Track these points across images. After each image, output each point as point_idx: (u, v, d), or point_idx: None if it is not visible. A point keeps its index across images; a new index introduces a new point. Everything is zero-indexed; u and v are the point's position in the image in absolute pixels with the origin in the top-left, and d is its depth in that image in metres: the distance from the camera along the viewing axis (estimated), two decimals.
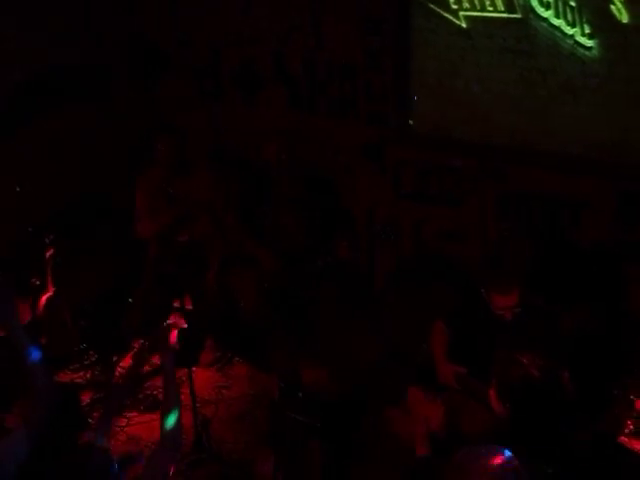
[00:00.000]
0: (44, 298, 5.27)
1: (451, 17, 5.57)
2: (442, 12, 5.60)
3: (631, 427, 3.90)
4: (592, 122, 5.31)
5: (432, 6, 5.60)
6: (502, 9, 5.39)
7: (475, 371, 4.27)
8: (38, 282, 5.19)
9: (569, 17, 5.21)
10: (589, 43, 5.23)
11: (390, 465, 4.85)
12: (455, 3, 5.52)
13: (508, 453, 2.78)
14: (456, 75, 5.68)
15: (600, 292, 5.02)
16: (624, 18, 5.05)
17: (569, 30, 5.26)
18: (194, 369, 5.46)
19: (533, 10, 5.29)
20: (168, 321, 3.68)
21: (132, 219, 5.77)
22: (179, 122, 6.74)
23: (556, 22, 5.28)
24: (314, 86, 6.21)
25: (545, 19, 5.29)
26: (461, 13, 5.53)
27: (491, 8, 5.42)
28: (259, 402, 5.60)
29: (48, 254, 5.16)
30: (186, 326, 4.24)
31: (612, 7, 5.05)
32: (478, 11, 5.47)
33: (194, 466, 4.97)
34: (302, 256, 5.29)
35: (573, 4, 5.15)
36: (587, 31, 5.20)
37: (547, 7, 5.27)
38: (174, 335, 3.60)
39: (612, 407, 4.08)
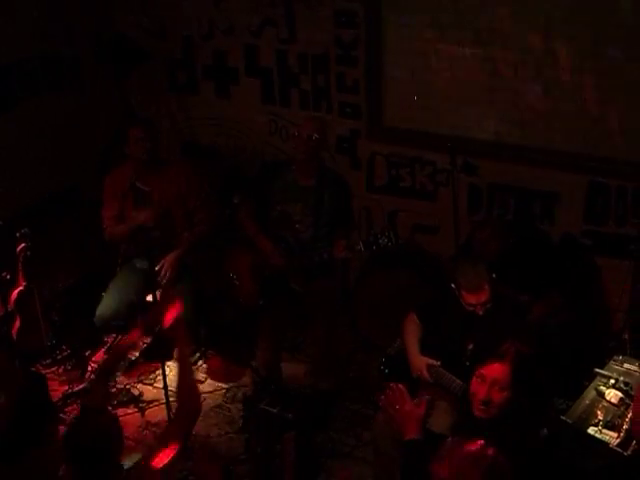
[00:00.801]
0: (15, 292, 5.22)
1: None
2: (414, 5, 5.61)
3: (600, 417, 3.94)
4: (563, 115, 5.34)
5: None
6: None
7: (448, 363, 4.30)
8: (8, 276, 5.14)
9: None
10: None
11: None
12: None
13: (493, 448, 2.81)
14: (428, 68, 5.69)
15: (570, 283, 5.06)
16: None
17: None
18: (168, 363, 5.44)
19: None
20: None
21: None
22: (151, 115, 6.73)
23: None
24: (287, 78, 6.20)
25: None
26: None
27: None
28: (233, 396, 5.61)
29: (19, 248, 5.12)
30: None
31: None
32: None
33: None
34: (302, 249, 5.22)
35: None
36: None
37: None
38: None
39: (582, 397, 4.12)
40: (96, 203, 5.81)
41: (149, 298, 5.17)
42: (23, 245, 5.14)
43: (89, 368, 5.83)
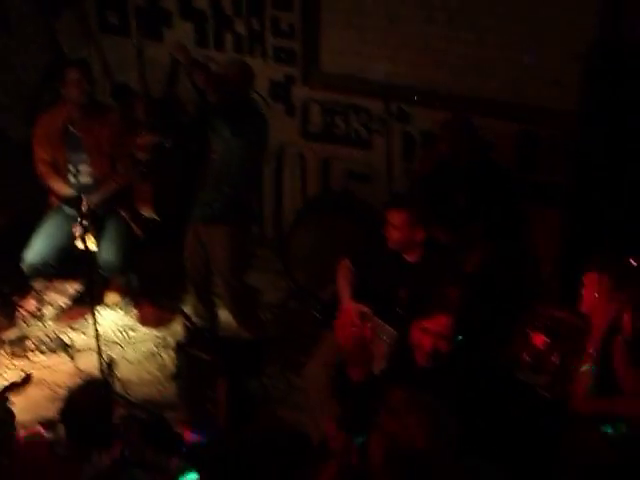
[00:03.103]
0: None
1: None
2: None
3: (528, 360, 4.02)
4: (495, 63, 5.37)
5: None
6: None
7: (379, 310, 4.33)
8: None
9: None
10: None
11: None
12: None
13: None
14: (365, 13, 5.64)
15: (502, 231, 5.11)
16: None
17: None
18: (98, 309, 5.39)
19: None
20: None
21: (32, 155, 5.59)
22: (82, 57, 6.54)
23: None
24: (220, 21, 6.08)
25: None
26: None
27: None
28: (165, 342, 5.59)
29: None
30: None
31: None
32: None
33: None
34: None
35: None
36: None
37: None
38: None
39: (511, 344, 4.20)
40: (25, 146, 5.68)
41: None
42: None
43: (16, 314, 5.75)
